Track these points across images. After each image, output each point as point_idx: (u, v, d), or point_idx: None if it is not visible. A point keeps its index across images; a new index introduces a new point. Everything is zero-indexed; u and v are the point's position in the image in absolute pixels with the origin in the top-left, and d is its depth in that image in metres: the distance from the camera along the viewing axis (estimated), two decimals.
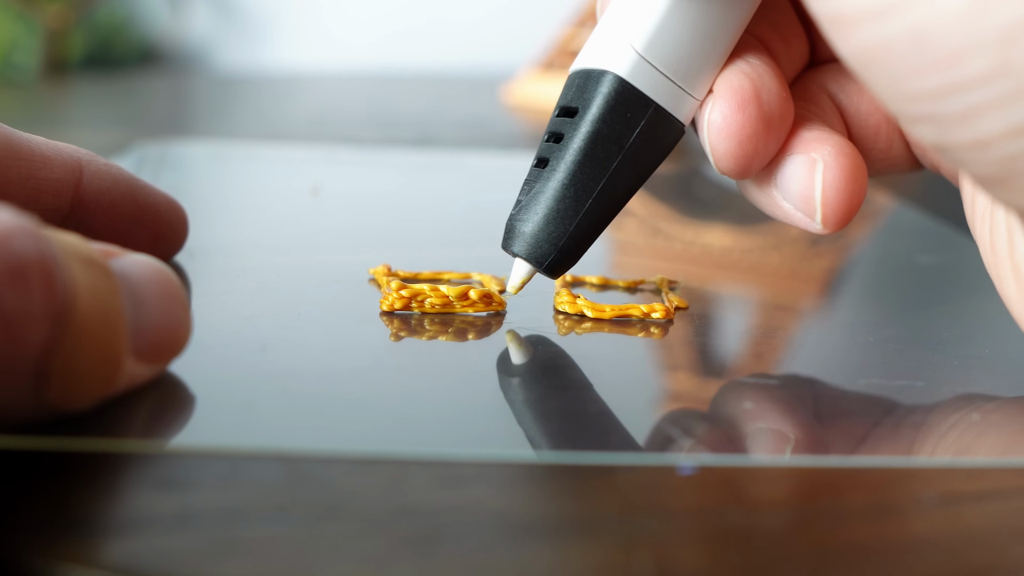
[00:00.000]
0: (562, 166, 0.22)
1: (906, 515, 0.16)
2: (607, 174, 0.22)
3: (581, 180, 0.22)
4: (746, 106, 0.21)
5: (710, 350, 0.24)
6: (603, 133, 0.22)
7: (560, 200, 0.22)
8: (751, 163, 0.21)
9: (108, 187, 0.24)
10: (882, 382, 0.21)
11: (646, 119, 0.22)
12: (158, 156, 0.45)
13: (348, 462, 0.16)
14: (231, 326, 0.22)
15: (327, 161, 0.47)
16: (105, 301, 0.16)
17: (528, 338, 0.23)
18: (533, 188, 0.22)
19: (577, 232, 0.22)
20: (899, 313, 0.27)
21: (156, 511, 0.14)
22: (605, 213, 0.22)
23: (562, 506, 0.16)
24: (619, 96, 0.21)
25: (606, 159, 0.22)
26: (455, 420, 0.19)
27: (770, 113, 0.21)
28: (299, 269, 0.28)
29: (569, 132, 0.22)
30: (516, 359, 0.22)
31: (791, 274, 0.32)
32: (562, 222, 0.22)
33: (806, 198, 0.21)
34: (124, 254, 0.17)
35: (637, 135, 0.22)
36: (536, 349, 0.22)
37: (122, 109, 0.71)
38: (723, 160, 0.21)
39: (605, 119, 0.22)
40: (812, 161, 0.21)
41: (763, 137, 0.21)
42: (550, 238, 0.22)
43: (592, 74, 0.22)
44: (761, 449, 0.18)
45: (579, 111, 0.22)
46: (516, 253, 0.23)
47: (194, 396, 0.18)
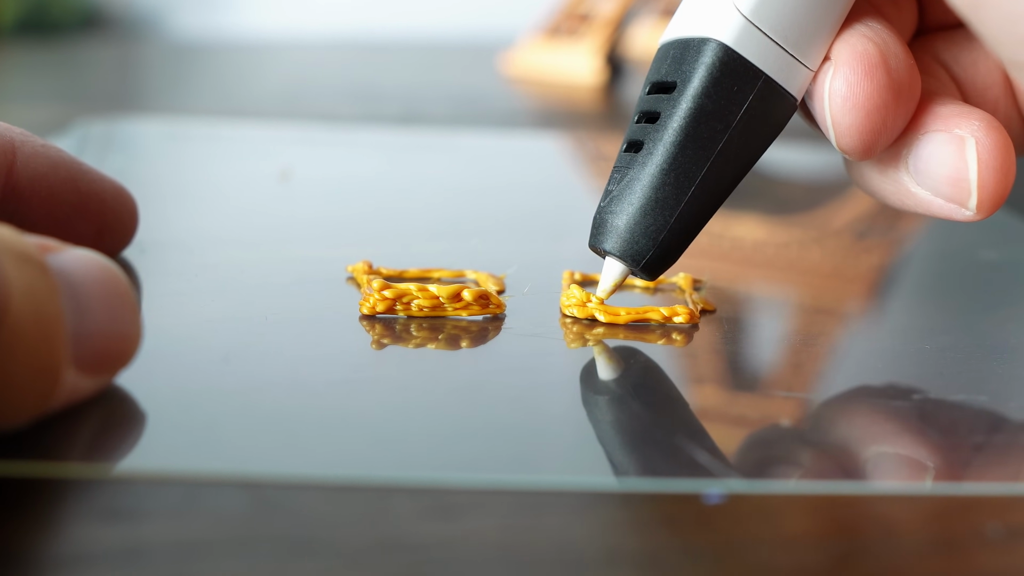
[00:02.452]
0: (660, 149, 0.22)
1: (968, 549, 0.16)
2: (712, 157, 0.22)
3: (682, 164, 0.22)
4: (873, 72, 0.21)
5: (741, 360, 0.24)
6: (707, 109, 0.22)
7: (658, 188, 0.22)
8: (878, 138, 0.21)
9: (45, 172, 0.24)
10: (939, 397, 0.21)
11: (755, 92, 0.22)
12: (103, 135, 0.45)
13: (323, 489, 0.16)
14: (188, 332, 0.22)
15: (299, 141, 0.47)
16: (42, 303, 0.16)
17: (616, 350, 0.23)
18: (626, 176, 0.22)
19: (678, 225, 0.22)
20: (959, 317, 0.27)
21: (102, 545, 0.14)
22: (709, 202, 0.22)
23: (572, 540, 0.16)
24: (724, 66, 0.21)
25: (710, 139, 0.22)
26: (447, 440, 0.19)
27: (899, 81, 0.21)
28: (266, 266, 0.28)
29: (666, 110, 0.22)
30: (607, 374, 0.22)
31: (834, 272, 0.32)
32: (661, 213, 0.22)
33: (955, 181, 0.21)
34: (64, 249, 0.17)
35: (745, 111, 0.22)
36: (627, 363, 0.22)
37: (62, 81, 0.71)
38: (848, 135, 0.21)
39: (709, 93, 0.22)
40: (959, 139, 0.21)
41: (892, 108, 0.21)
42: (648, 232, 0.22)
43: (691, 43, 0.22)
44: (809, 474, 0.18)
45: (677, 86, 0.22)
46: (608, 251, 0.23)
47: (144, 413, 0.18)
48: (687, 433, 0.20)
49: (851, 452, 0.19)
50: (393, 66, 0.82)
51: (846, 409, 0.21)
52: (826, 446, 0.19)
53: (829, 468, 0.18)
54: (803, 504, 0.17)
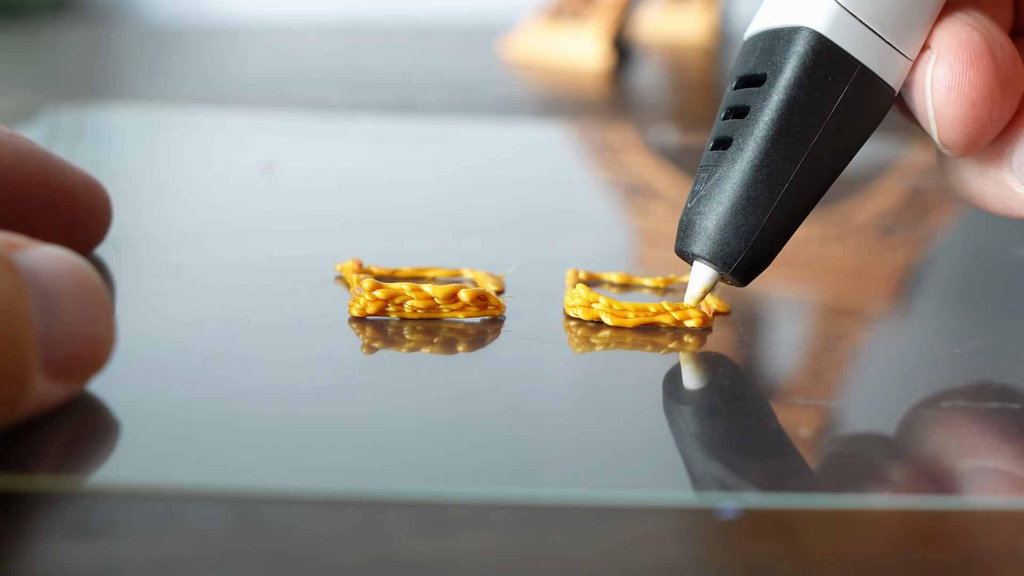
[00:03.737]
0: (750, 144, 0.22)
1: (1000, 567, 0.16)
2: (807, 151, 0.22)
3: (775, 160, 0.22)
4: (980, 61, 0.21)
5: (756, 365, 0.24)
6: (800, 101, 0.22)
7: (750, 186, 0.22)
8: (984, 131, 0.21)
9: (11, 163, 0.24)
10: (970, 404, 0.21)
11: (851, 83, 0.22)
12: (74, 125, 0.45)
13: (309, 503, 0.16)
14: (165, 335, 0.22)
15: (283, 131, 0.47)
16: (8, 303, 0.16)
17: (704, 356, 0.23)
18: (714, 174, 0.22)
19: (772, 225, 0.22)
20: (991, 319, 0.27)
21: (73, 563, 0.14)
22: (804, 200, 0.22)
23: (576, 557, 0.16)
24: (818, 56, 0.22)
25: (804, 133, 0.22)
26: (442, 452, 0.19)
27: (1006, 71, 0.21)
28: (249, 265, 0.28)
29: (756, 103, 0.22)
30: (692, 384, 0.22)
31: (858, 271, 0.32)
32: (754, 213, 0.22)
33: None
34: (32, 246, 0.17)
35: (841, 102, 0.22)
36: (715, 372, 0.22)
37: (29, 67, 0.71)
38: (952, 127, 0.21)
39: (802, 84, 0.22)
40: None
41: (998, 99, 0.21)
42: (739, 233, 0.22)
43: (781, 33, 0.22)
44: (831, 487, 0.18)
45: (767, 78, 0.22)
46: (697, 254, 0.23)
47: (118, 423, 0.18)
48: (700, 444, 0.20)
49: (879, 463, 0.19)
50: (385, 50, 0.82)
51: (870, 418, 0.21)
52: (850, 458, 0.19)
53: (855, 481, 0.18)
54: (826, 519, 0.17)
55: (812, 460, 0.19)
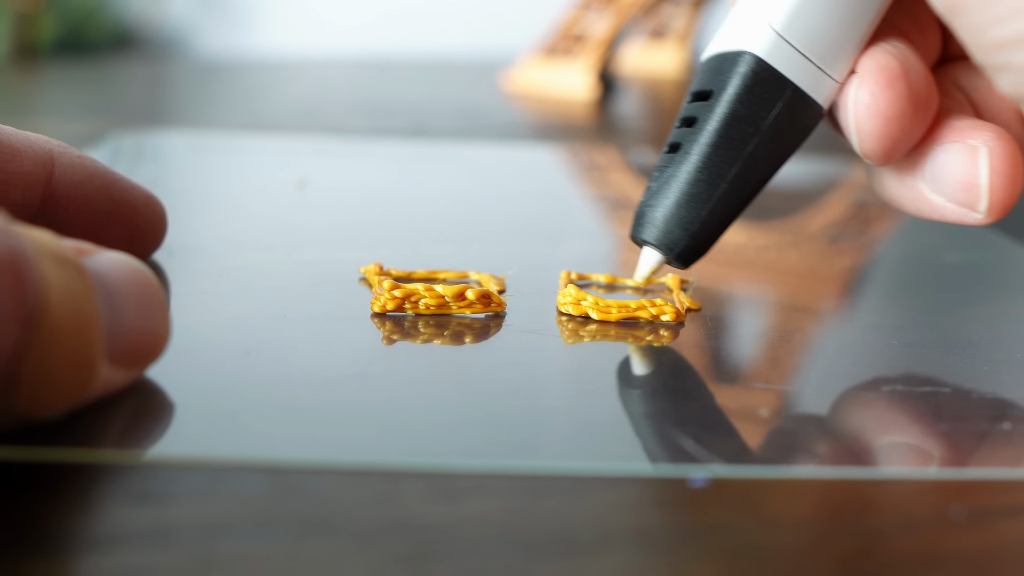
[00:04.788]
0: (696, 149, 0.22)
1: (933, 530, 0.16)
2: (742, 157, 0.22)
3: (715, 163, 0.22)
4: (895, 84, 0.21)
5: (723, 354, 0.24)
6: (739, 114, 0.22)
7: (693, 184, 0.22)
8: (897, 145, 0.22)
9: (81, 181, 0.24)
10: (907, 389, 0.21)
11: (784, 100, 0.22)
12: (134, 147, 0.45)
13: (337, 473, 0.16)
14: (212, 329, 0.22)
15: (315, 153, 0.47)
16: (79, 302, 0.16)
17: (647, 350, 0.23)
18: (664, 173, 0.23)
19: (711, 218, 0.23)
20: (925, 315, 0.27)
21: (132, 526, 0.14)
22: (740, 199, 0.23)
23: (568, 520, 0.16)
24: (756, 76, 0.22)
25: (742, 141, 0.22)
26: (451, 429, 0.19)
27: (918, 93, 0.21)
28: (285, 268, 0.28)
29: (703, 115, 0.22)
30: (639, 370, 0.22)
31: (810, 273, 0.32)
32: (695, 208, 0.22)
33: (968, 187, 0.22)
34: (99, 252, 0.17)
35: (774, 117, 0.22)
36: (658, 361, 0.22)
37: (96, 97, 0.71)
38: (869, 141, 0.22)
39: (741, 100, 0.22)
40: (972, 148, 0.21)
41: (910, 118, 0.21)
42: (682, 224, 0.23)
43: (728, 56, 0.22)
44: (786, 460, 0.18)
45: (713, 93, 0.22)
46: (645, 240, 0.23)
47: (173, 404, 0.18)
48: (673, 422, 0.20)
49: (828, 439, 0.19)
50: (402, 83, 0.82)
51: (820, 400, 0.21)
52: (802, 434, 0.19)
53: (806, 454, 0.18)
54: (782, 488, 0.17)
55: (770, 436, 0.19)
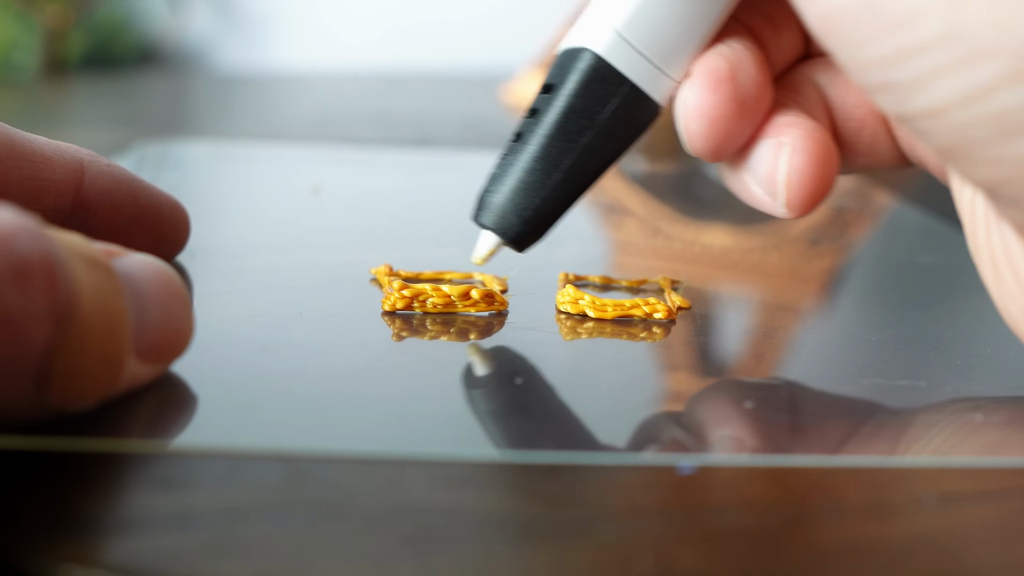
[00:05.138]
0: (534, 139, 0.22)
1: (905, 515, 0.16)
2: (577, 149, 0.22)
3: (551, 154, 0.22)
4: (720, 87, 0.21)
5: (711, 350, 0.24)
6: (575, 108, 0.22)
7: (529, 172, 0.22)
8: (723, 145, 0.21)
9: (110, 187, 0.24)
10: (884, 382, 0.21)
11: (620, 97, 0.22)
12: (158, 156, 0.45)
13: (348, 461, 0.16)
14: (233, 326, 0.22)
15: (327, 161, 0.47)
16: (108, 301, 0.16)
17: (491, 350, 0.23)
18: (505, 160, 0.23)
19: (544, 206, 0.22)
20: (901, 313, 0.27)
21: (157, 511, 0.15)
22: (574, 189, 0.22)
23: (562, 506, 0.16)
24: (594, 72, 0.22)
25: (577, 134, 0.22)
26: (455, 420, 0.19)
27: (744, 96, 0.21)
28: (300, 269, 0.28)
29: (544, 107, 0.22)
30: (483, 368, 0.22)
31: (791, 274, 0.32)
32: (529, 195, 0.22)
33: (771, 181, 0.21)
34: (126, 254, 0.17)
35: (610, 112, 0.22)
36: (502, 357, 0.22)
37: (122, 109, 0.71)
38: (694, 140, 0.21)
39: (579, 94, 0.22)
40: (779, 144, 0.21)
41: (736, 119, 0.21)
42: (516, 210, 0.22)
43: (572, 52, 0.22)
44: (757, 449, 0.18)
45: (556, 87, 0.22)
46: (483, 224, 0.23)
47: (196, 396, 0.18)
48: (665, 413, 0.20)
49: (807, 430, 0.19)
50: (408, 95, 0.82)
51: (803, 394, 0.21)
52: (784, 425, 0.19)
53: (787, 443, 0.18)
54: (762, 475, 0.17)
55: (754, 427, 0.19)
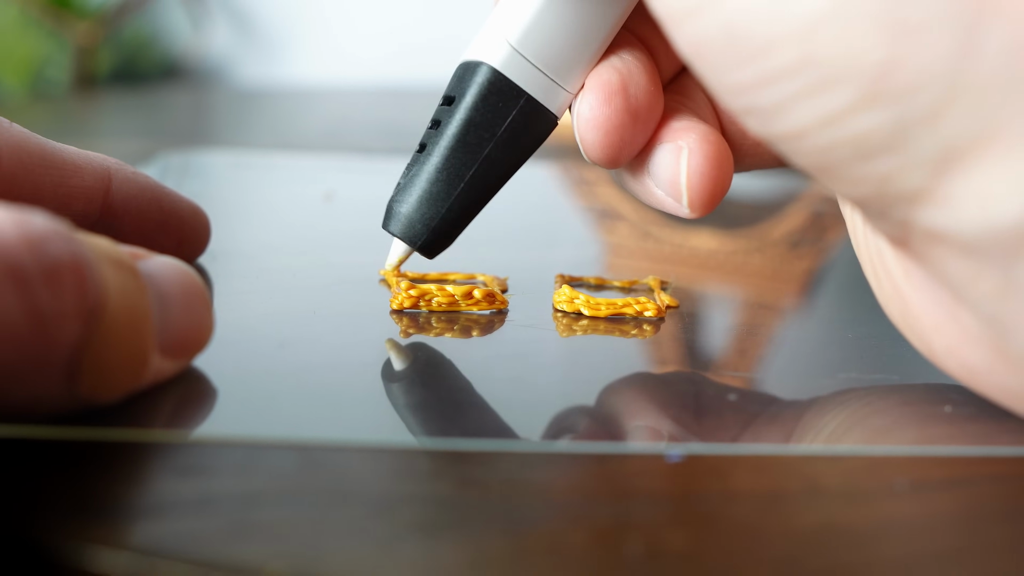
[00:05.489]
0: (436, 151, 0.22)
1: (878, 500, 0.16)
2: (478, 160, 0.22)
3: (453, 165, 0.22)
4: (612, 98, 0.21)
5: (697, 346, 0.24)
6: (475, 121, 0.22)
7: (434, 183, 0.22)
8: (618, 153, 0.21)
9: (135, 194, 0.24)
10: (859, 376, 0.21)
11: (518, 109, 0.22)
12: (181, 165, 0.45)
13: (358, 450, 0.16)
14: (250, 324, 0.22)
15: (339, 169, 0.47)
16: (133, 300, 0.16)
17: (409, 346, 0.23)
18: (411, 171, 0.22)
19: (449, 215, 0.22)
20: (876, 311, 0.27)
21: (179, 496, 0.15)
22: (477, 197, 0.22)
23: (558, 491, 0.16)
24: (492, 86, 0.21)
25: (478, 146, 0.22)
26: (459, 411, 0.19)
27: (637, 106, 0.21)
28: (313, 270, 0.28)
29: (445, 119, 0.22)
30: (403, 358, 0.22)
31: (773, 275, 0.32)
32: (435, 205, 0.22)
33: (673, 183, 0.21)
34: (151, 256, 0.17)
35: (508, 124, 0.22)
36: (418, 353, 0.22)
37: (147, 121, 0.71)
38: (591, 150, 0.21)
39: (478, 107, 0.22)
40: (678, 148, 0.21)
41: (629, 128, 0.21)
42: (423, 219, 0.22)
43: (470, 65, 0.22)
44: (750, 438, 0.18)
45: (456, 99, 0.22)
46: (393, 233, 0.23)
47: (216, 389, 0.18)
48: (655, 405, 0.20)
49: (787, 420, 0.19)
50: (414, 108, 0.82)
51: (784, 387, 0.21)
52: (767, 416, 0.19)
53: (767, 432, 0.18)
54: (746, 463, 0.17)
55: (738, 418, 0.19)
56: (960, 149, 0.15)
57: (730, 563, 0.14)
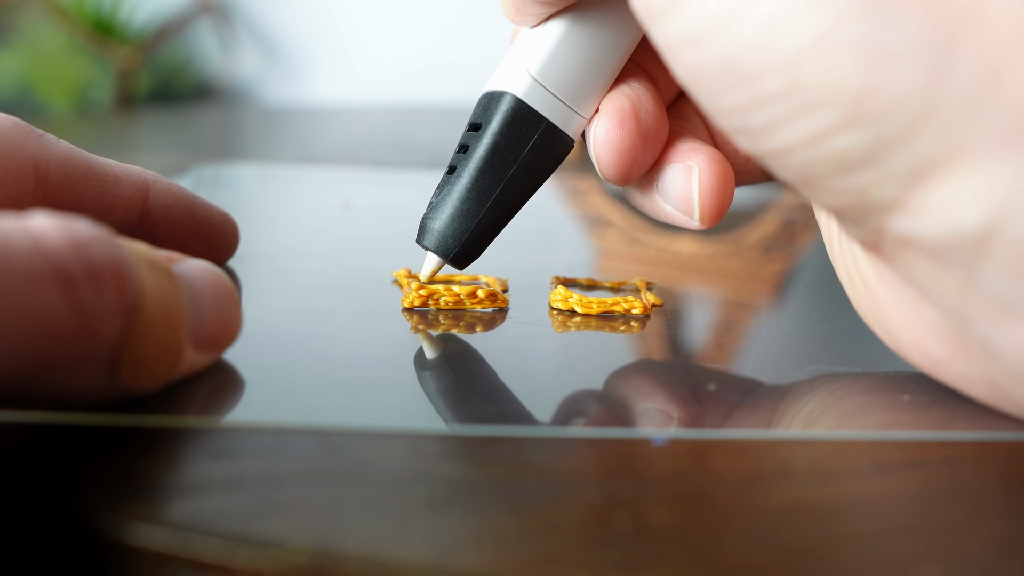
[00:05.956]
0: (466, 173, 0.22)
1: (844, 480, 0.16)
2: (504, 180, 0.22)
3: (482, 185, 0.22)
4: (626, 122, 0.21)
5: (680, 341, 0.24)
6: (501, 145, 0.22)
7: (464, 202, 0.22)
8: (631, 171, 0.21)
9: (171, 203, 0.24)
10: (826, 368, 0.21)
11: (539, 133, 0.22)
12: (213, 177, 0.45)
13: (373, 435, 0.16)
14: (275, 321, 0.22)
15: (356, 181, 0.47)
16: (169, 299, 0.16)
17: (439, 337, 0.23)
18: (443, 192, 0.23)
19: (478, 230, 0.22)
20: (842, 309, 0.27)
21: (210, 477, 0.15)
22: (503, 214, 0.23)
23: (553, 473, 0.16)
24: (515, 113, 0.22)
25: (503, 167, 0.22)
26: (464, 399, 0.19)
27: (647, 129, 0.21)
28: (332, 272, 0.28)
29: (473, 144, 0.22)
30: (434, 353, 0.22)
31: (748, 276, 0.32)
32: (465, 221, 0.22)
33: (685, 199, 0.21)
34: (185, 259, 0.17)
35: (531, 147, 0.22)
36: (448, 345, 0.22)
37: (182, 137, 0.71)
38: (606, 168, 0.21)
39: (503, 132, 0.22)
40: (688, 168, 0.21)
41: (640, 149, 0.21)
42: (455, 234, 0.22)
43: (495, 95, 0.22)
44: (729, 424, 0.18)
45: (482, 126, 0.22)
46: (427, 247, 0.23)
47: (244, 380, 0.18)
48: (641, 394, 0.20)
49: (761, 408, 0.19)
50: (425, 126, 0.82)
51: (758, 378, 0.21)
52: (743, 404, 0.19)
53: (743, 419, 0.18)
54: (725, 447, 0.17)
55: (717, 407, 0.19)
56: (930, 164, 0.15)
57: (711, 537, 0.14)
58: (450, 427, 0.17)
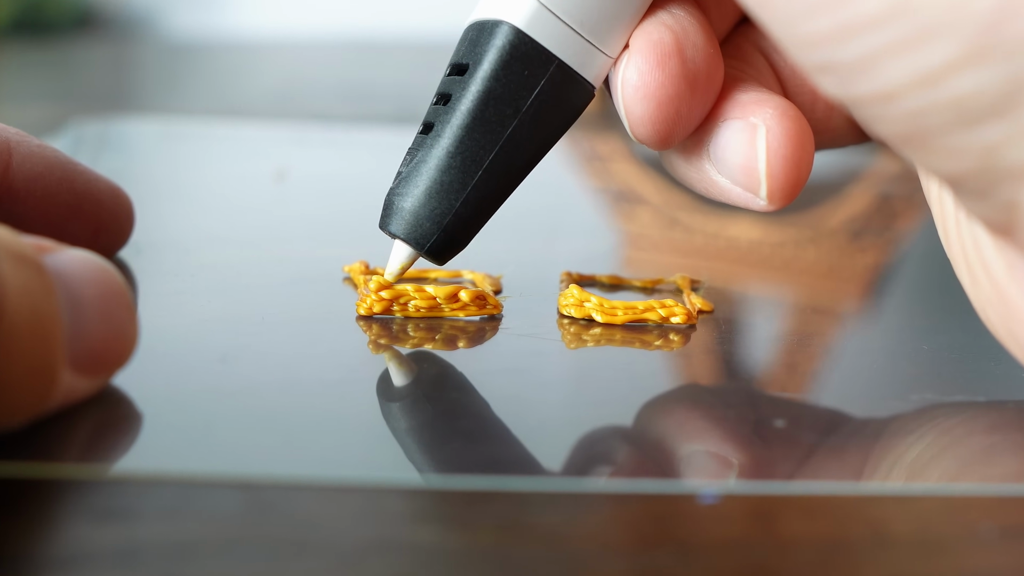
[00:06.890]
0: (447, 131, 0.22)
1: (959, 548, 0.16)
2: (500, 141, 0.22)
3: (469, 148, 0.22)
4: (666, 62, 0.21)
5: (736, 360, 0.24)
6: (496, 93, 0.21)
7: (445, 172, 0.22)
8: (673, 129, 0.21)
9: (41, 172, 0.24)
10: (937, 398, 0.21)
11: (547, 77, 0.21)
12: (98, 135, 0.45)
13: (317, 489, 0.16)
14: (184, 332, 0.22)
15: (294, 141, 0.47)
16: (38, 303, 0.16)
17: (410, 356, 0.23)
18: (415, 157, 0.22)
19: (464, 210, 0.22)
20: (957, 317, 0.27)
21: (96, 545, 0.14)
22: (499, 188, 0.22)
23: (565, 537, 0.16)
24: (515, 50, 0.21)
25: (499, 123, 0.22)
26: (442, 441, 0.19)
27: (695, 71, 0.21)
28: (263, 266, 0.28)
29: (457, 92, 0.22)
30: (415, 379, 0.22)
31: (830, 272, 0.32)
32: (447, 198, 0.22)
33: (748, 170, 0.21)
34: (60, 249, 0.17)
35: (536, 96, 0.21)
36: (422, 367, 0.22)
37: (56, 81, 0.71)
38: (640, 125, 0.21)
39: (498, 76, 0.21)
40: (752, 126, 0.21)
41: (687, 98, 0.21)
42: (433, 216, 0.22)
43: (486, 25, 0.22)
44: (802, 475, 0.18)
45: (470, 68, 0.22)
46: (394, 233, 0.23)
47: (141, 414, 0.18)
48: (684, 435, 0.20)
49: (844, 451, 0.19)
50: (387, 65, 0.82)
51: (843, 411, 0.21)
52: (821, 448, 0.19)
53: (829, 469, 0.18)
54: (798, 504, 0.17)
55: (788, 451, 0.19)
56: None
57: None
58: (424, 478, 0.17)
